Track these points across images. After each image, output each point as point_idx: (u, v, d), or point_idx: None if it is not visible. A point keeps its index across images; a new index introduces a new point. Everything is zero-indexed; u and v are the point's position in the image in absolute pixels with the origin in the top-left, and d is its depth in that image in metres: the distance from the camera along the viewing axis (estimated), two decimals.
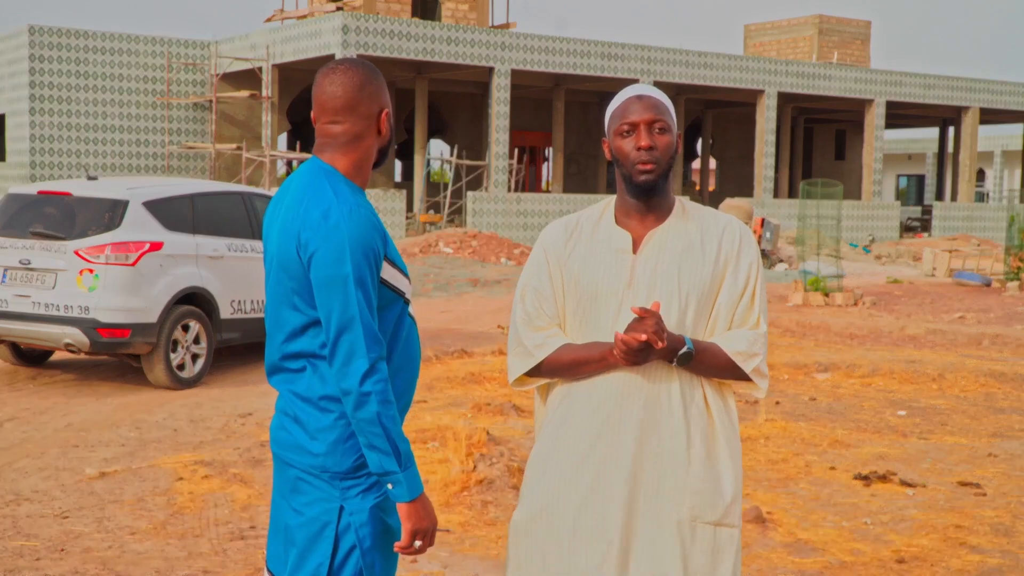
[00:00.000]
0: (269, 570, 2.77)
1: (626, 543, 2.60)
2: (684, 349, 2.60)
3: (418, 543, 2.59)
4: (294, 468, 2.69)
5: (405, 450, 2.56)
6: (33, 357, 10.32)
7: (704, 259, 2.69)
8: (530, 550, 2.69)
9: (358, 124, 2.70)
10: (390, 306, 2.67)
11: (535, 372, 2.75)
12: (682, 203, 2.79)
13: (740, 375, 2.67)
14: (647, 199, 2.71)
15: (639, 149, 2.67)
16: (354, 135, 2.70)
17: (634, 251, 2.71)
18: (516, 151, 32.66)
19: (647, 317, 2.53)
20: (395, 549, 2.62)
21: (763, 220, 27.41)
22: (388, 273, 2.65)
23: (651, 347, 2.54)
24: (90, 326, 8.77)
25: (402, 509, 2.58)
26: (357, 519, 2.62)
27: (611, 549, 2.60)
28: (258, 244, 10.14)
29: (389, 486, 2.57)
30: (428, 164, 30.98)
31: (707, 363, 2.65)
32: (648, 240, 2.71)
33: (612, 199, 2.81)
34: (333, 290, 2.55)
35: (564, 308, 2.76)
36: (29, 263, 8.99)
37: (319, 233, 2.57)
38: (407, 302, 2.73)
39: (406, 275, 2.73)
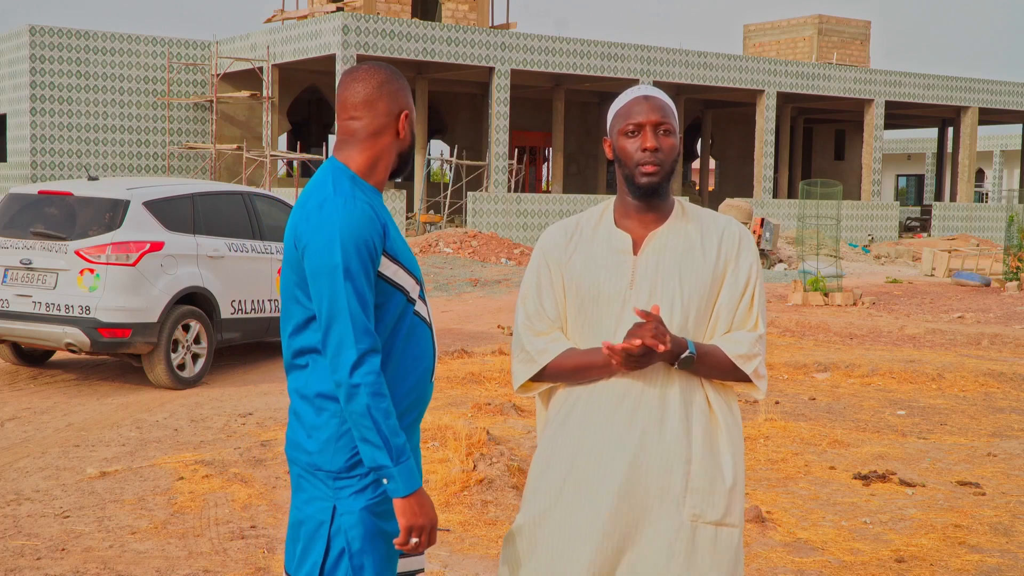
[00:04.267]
0: (286, 571, 2.80)
1: (628, 544, 2.59)
2: (686, 353, 2.59)
3: (414, 540, 2.56)
4: (296, 466, 2.72)
5: (398, 444, 2.53)
6: (34, 357, 10.33)
7: (704, 260, 2.69)
8: (533, 552, 2.68)
9: (376, 120, 2.72)
10: (388, 303, 2.65)
11: (539, 377, 2.74)
12: (681, 204, 2.79)
13: (740, 376, 2.68)
14: (648, 200, 2.71)
15: (644, 151, 2.66)
16: (372, 131, 2.72)
17: (634, 252, 2.71)
18: (516, 151, 32.65)
19: (647, 321, 2.53)
20: (395, 546, 2.60)
21: (763, 220, 27.43)
22: (388, 268, 2.63)
23: (652, 352, 2.54)
24: (91, 326, 8.78)
25: (397, 505, 2.56)
26: (347, 520, 2.61)
27: (614, 551, 2.60)
28: (259, 244, 10.16)
29: (384, 481, 2.56)
30: (428, 164, 30.98)
31: (709, 365, 2.64)
32: (649, 241, 2.71)
33: (611, 200, 2.81)
34: (323, 280, 2.56)
35: (566, 311, 2.75)
36: (30, 263, 9.01)
37: (312, 223, 2.60)
38: (412, 301, 2.70)
39: (413, 273, 2.71)
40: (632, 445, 2.62)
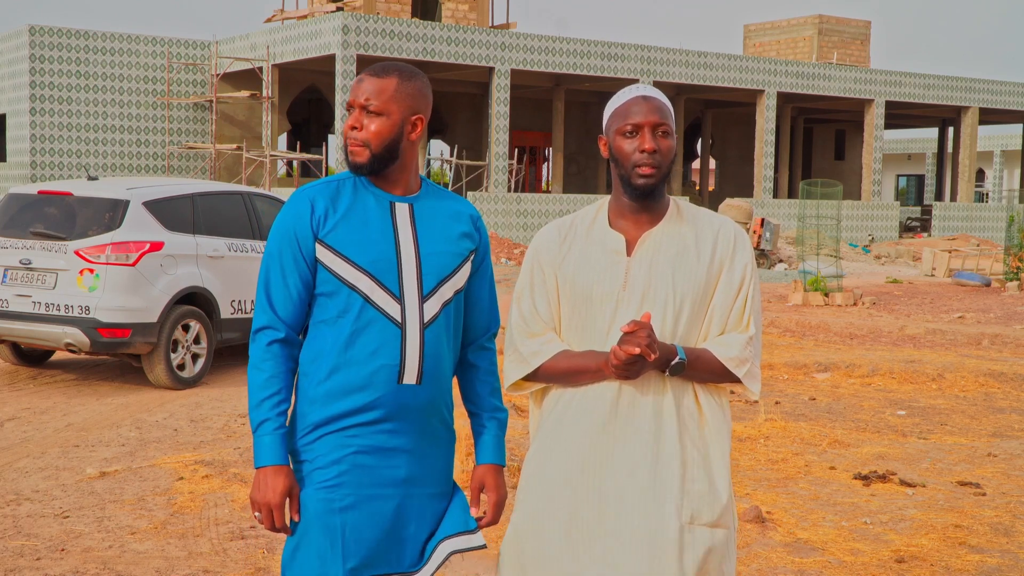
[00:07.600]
0: None
1: (621, 545, 2.59)
2: (676, 360, 2.58)
3: (256, 514, 2.66)
4: None
5: (254, 417, 2.65)
6: (34, 357, 10.33)
7: (699, 261, 2.67)
8: (527, 552, 2.69)
9: None
10: (336, 293, 2.67)
11: (531, 377, 2.73)
12: (676, 204, 2.77)
13: (733, 379, 2.66)
14: (643, 201, 2.69)
15: (643, 152, 2.64)
16: None
17: (628, 253, 2.69)
18: (516, 151, 32.64)
19: (639, 330, 2.52)
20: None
21: (763, 220, 27.43)
22: (325, 256, 2.68)
23: (644, 360, 2.53)
24: (91, 326, 8.78)
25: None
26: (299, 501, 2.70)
27: (606, 551, 2.59)
28: (259, 244, 10.15)
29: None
30: (428, 164, 30.99)
31: (700, 370, 2.63)
32: (643, 242, 2.69)
33: (606, 200, 2.79)
34: None
35: (559, 311, 2.74)
36: (30, 263, 9.00)
37: None
38: (364, 296, 2.66)
39: (364, 269, 2.67)
40: (628, 448, 2.61)
